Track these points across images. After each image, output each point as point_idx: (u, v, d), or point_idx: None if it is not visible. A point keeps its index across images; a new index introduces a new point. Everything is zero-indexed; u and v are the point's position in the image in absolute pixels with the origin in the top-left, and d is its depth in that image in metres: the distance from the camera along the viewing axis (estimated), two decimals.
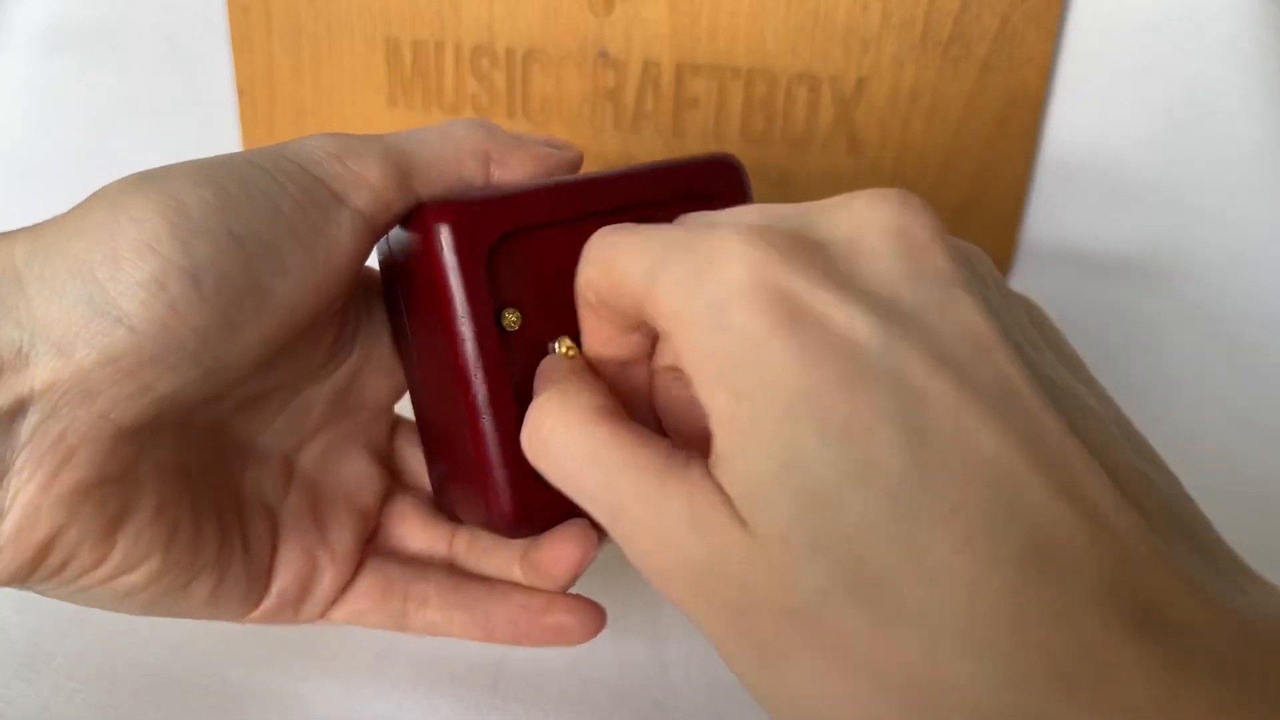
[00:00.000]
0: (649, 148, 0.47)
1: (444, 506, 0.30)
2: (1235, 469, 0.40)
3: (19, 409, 0.21)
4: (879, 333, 0.18)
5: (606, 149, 0.47)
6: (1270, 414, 0.42)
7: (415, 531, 0.30)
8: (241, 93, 0.49)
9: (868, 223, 0.20)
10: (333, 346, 0.28)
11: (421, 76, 0.48)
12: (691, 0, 0.44)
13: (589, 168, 0.28)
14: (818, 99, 0.45)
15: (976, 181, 0.46)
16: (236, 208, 0.23)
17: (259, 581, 0.28)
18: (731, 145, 0.46)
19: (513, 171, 0.26)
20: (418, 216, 0.25)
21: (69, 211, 0.23)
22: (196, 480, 0.26)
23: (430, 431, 0.29)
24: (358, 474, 0.30)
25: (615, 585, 0.31)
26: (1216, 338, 0.45)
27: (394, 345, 0.29)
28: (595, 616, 0.28)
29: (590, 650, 0.33)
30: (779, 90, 0.45)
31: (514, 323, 0.25)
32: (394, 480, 0.31)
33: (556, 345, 0.26)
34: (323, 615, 0.29)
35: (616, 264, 0.22)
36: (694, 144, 0.47)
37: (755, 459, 0.18)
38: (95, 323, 0.21)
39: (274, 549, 0.28)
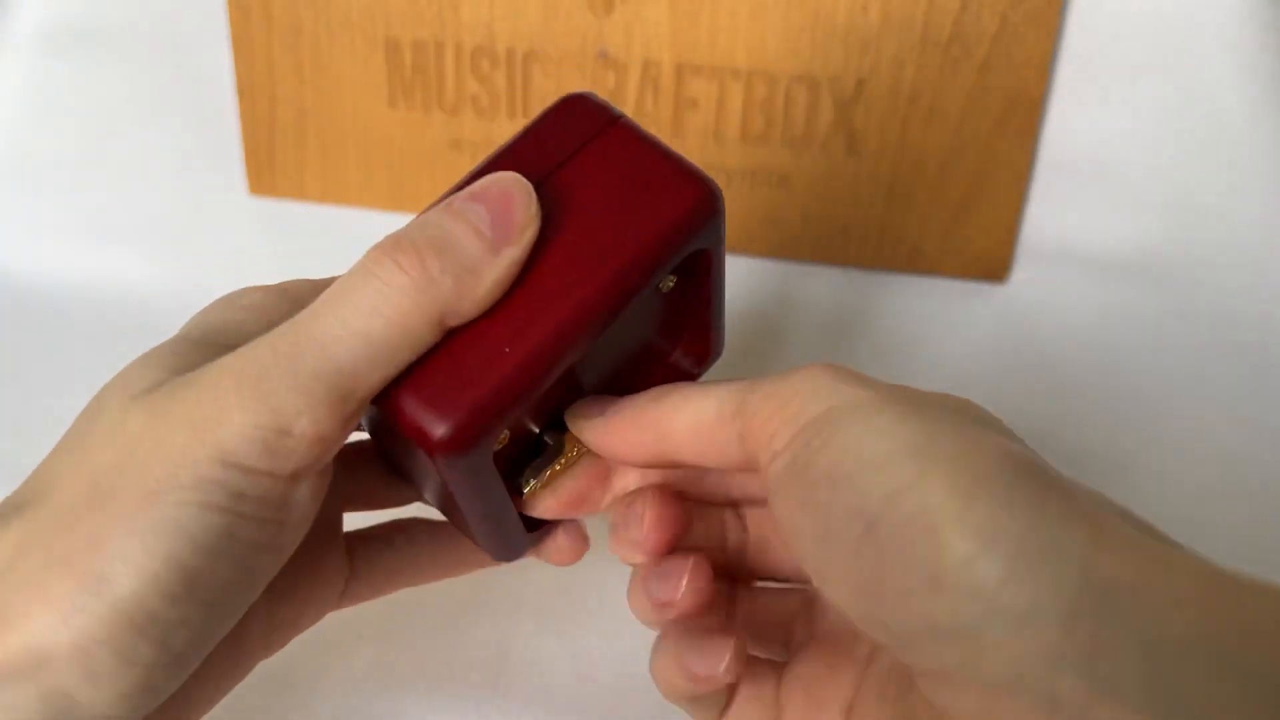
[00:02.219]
0: None
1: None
2: (1235, 469, 0.40)
3: None
4: None
5: None
6: (1270, 414, 0.42)
7: (379, 492, 0.30)
8: (241, 93, 0.49)
9: None
10: None
11: (422, 77, 0.48)
12: (691, 0, 0.44)
13: None
14: (817, 100, 0.45)
15: (976, 182, 0.46)
16: (200, 578, 0.20)
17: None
18: (731, 145, 0.46)
19: (472, 315, 0.22)
20: (402, 423, 0.22)
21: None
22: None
23: (403, 475, 0.28)
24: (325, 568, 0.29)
25: (614, 585, 0.31)
26: (1216, 338, 0.45)
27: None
28: (583, 538, 0.28)
29: (590, 650, 0.33)
30: (779, 91, 0.45)
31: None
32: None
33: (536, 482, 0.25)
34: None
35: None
36: (694, 144, 0.47)
37: None
38: None
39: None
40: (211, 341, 0.24)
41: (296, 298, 0.25)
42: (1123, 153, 0.46)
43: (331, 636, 0.33)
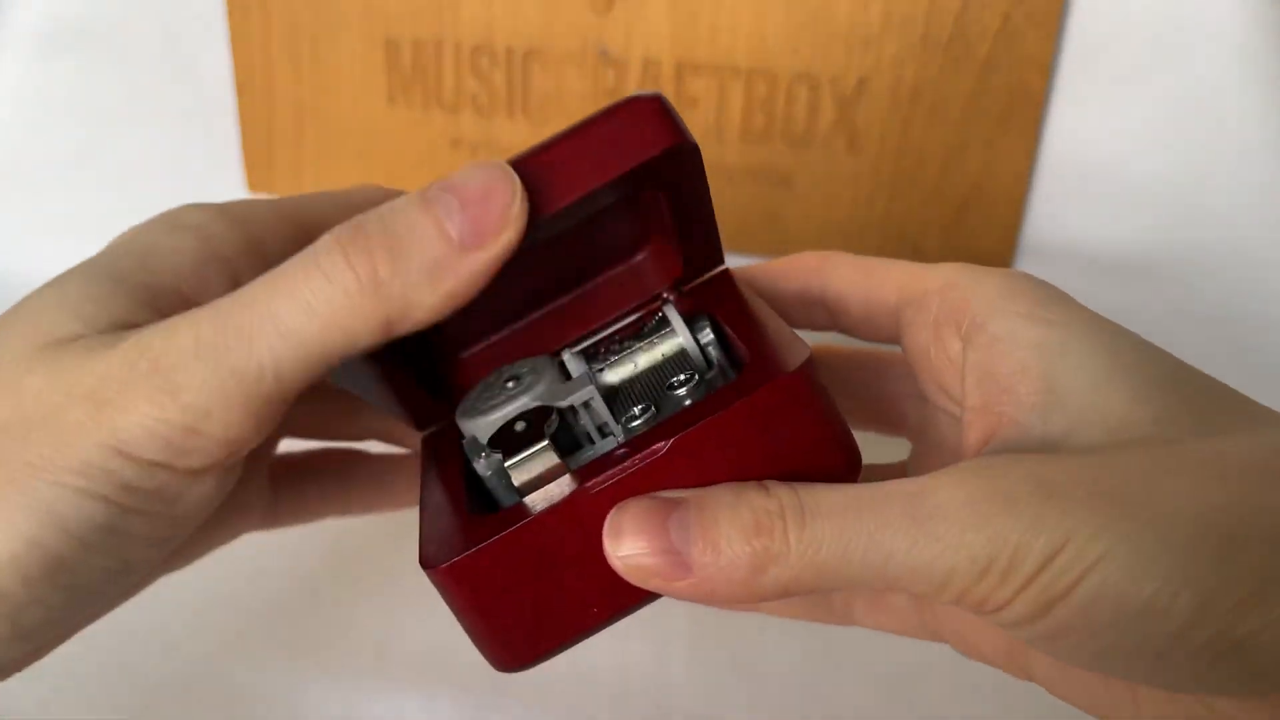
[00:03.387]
0: None
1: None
2: None
3: None
4: None
5: None
6: None
7: None
8: (241, 92, 0.49)
9: None
10: None
11: (421, 75, 0.48)
12: None
13: None
14: (818, 98, 0.45)
15: (977, 181, 0.45)
16: (65, 565, 0.19)
17: None
18: (731, 144, 0.46)
19: (425, 322, 0.20)
20: (471, 633, 0.22)
21: None
22: None
23: None
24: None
25: None
26: (1216, 338, 0.45)
27: None
28: None
29: (590, 650, 0.33)
30: (779, 89, 0.45)
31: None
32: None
33: None
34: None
35: None
36: None
37: None
38: None
39: None
40: (140, 281, 0.21)
41: (243, 222, 0.24)
42: (1124, 152, 0.45)
43: (331, 636, 0.33)
